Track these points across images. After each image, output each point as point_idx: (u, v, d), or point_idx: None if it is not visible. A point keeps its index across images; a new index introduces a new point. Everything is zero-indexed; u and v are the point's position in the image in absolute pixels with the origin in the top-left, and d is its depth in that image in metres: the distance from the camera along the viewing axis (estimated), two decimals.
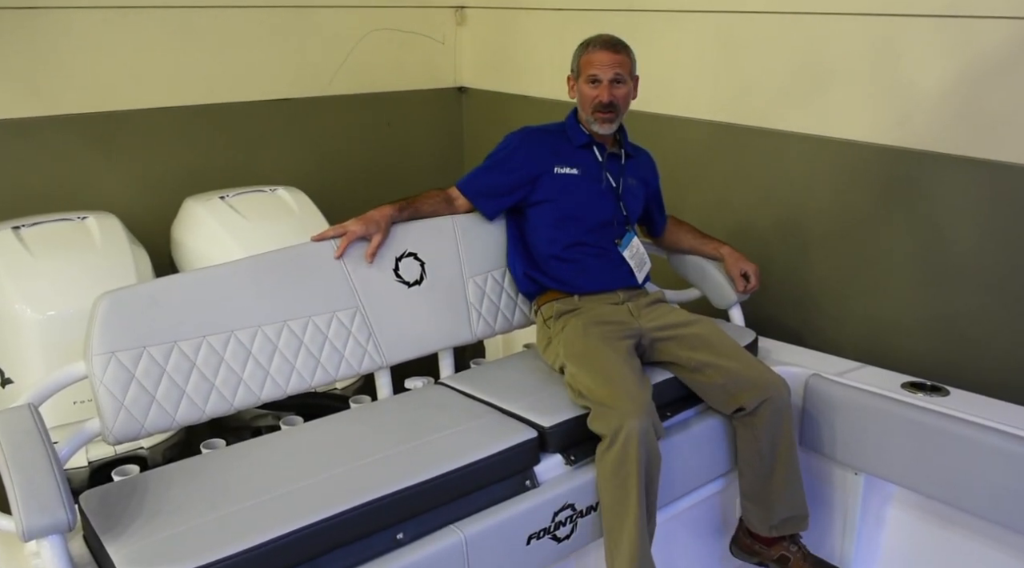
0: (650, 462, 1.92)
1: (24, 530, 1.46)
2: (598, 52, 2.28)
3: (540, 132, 2.41)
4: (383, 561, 1.67)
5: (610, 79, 2.27)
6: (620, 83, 2.28)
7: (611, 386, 1.97)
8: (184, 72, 3.06)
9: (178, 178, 3.02)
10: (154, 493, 1.71)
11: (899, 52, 2.41)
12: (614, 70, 2.27)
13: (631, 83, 2.32)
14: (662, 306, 2.35)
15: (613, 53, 2.27)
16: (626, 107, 2.34)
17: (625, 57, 2.30)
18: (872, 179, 2.54)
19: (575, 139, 2.36)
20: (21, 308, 2.23)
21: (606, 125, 2.31)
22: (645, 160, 2.51)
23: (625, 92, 2.31)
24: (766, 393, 2.10)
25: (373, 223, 2.18)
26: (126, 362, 1.82)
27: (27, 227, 2.44)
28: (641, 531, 1.90)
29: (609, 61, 2.27)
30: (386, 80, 3.55)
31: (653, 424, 1.93)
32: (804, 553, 2.20)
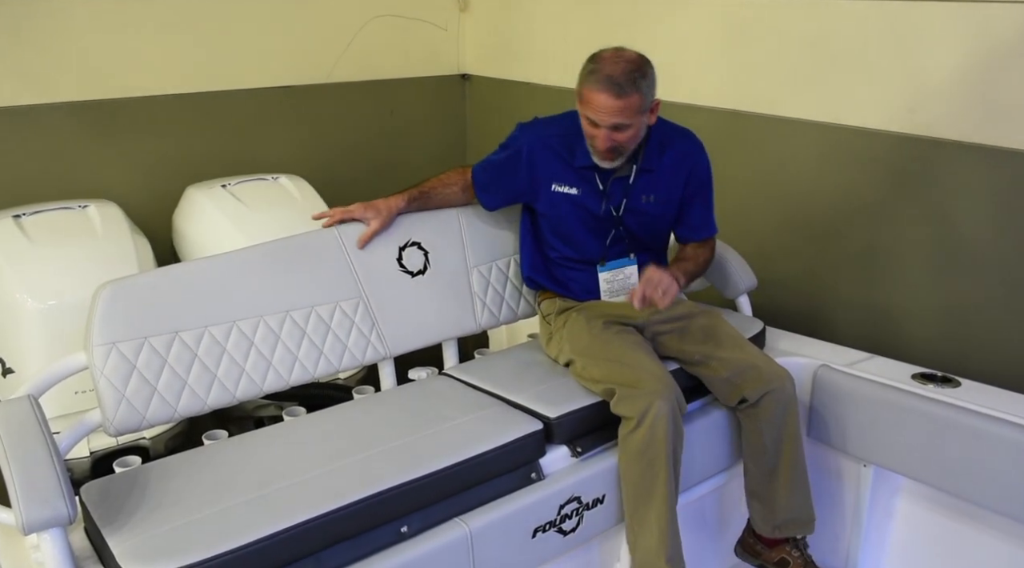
0: (677, 441, 1.91)
1: (24, 523, 1.45)
2: (598, 93, 1.96)
3: (548, 137, 2.18)
4: (387, 554, 1.66)
5: (609, 126, 1.99)
6: (624, 128, 2.00)
7: (631, 369, 1.96)
8: (186, 59, 3.04)
9: (180, 166, 3.01)
10: (156, 485, 1.70)
11: (910, 38, 2.38)
12: (613, 118, 1.97)
13: (641, 120, 2.03)
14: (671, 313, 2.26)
15: (614, 98, 1.94)
16: (635, 142, 2.07)
17: (633, 97, 1.95)
18: (882, 167, 2.51)
19: (579, 158, 2.14)
20: (22, 297, 2.23)
21: (607, 162, 2.08)
22: (673, 162, 2.18)
23: (631, 135, 2.03)
24: (769, 385, 2.07)
25: (374, 209, 2.14)
26: (127, 353, 1.80)
27: (28, 215, 2.44)
28: (671, 510, 1.90)
29: (609, 107, 1.95)
30: (389, 67, 3.52)
31: (679, 401, 1.92)
32: (805, 560, 2.16)
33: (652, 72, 2.02)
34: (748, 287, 2.53)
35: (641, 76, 1.97)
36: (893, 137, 2.46)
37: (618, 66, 1.95)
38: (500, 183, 2.25)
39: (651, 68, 2.02)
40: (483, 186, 2.26)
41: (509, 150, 2.23)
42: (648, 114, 2.04)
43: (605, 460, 1.97)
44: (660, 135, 2.16)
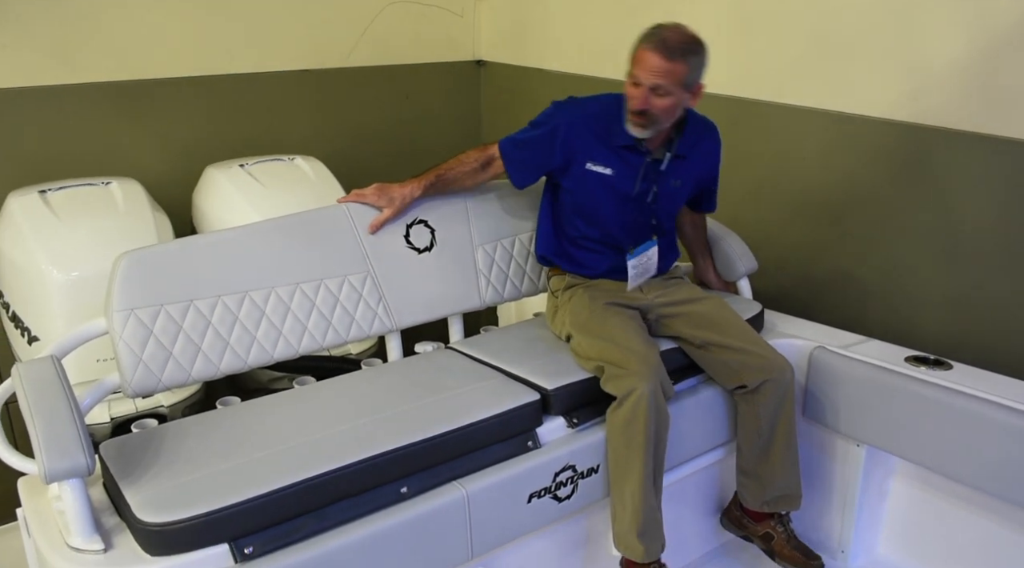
0: (659, 422, 1.97)
1: (45, 473, 1.54)
2: (648, 52, 2.01)
3: (587, 116, 2.21)
4: (388, 513, 1.74)
5: (650, 86, 2.02)
6: (664, 94, 2.03)
7: (620, 349, 2.02)
8: (207, 42, 3.11)
9: (199, 146, 3.07)
10: (171, 444, 1.79)
11: (915, 26, 2.40)
12: (657, 78, 2.00)
13: (682, 94, 2.06)
14: (674, 282, 2.36)
15: (664, 59, 1.99)
16: (670, 117, 2.10)
17: (680, 65, 2.00)
18: (886, 155, 2.54)
19: (617, 137, 2.17)
20: (47, 268, 2.29)
21: (638, 129, 2.11)
22: (702, 154, 2.29)
23: (668, 104, 2.05)
24: (769, 374, 2.12)
25: (387, 197, 2.19)
26: (145, 319, 1.89)
27: (53, 191, 2.51)
28: (646, 490, 1.96)
29: (655, 67, 2.00)
30: (405, 52, 3.57)
31: (662, 384, 1.98)
32: (788, 535, 2.23)
33: (705, 54, 2.07)
34: (748, 270, 2.57)
35: (693, 52, 2.04)
36: (896, 125, 2.49)
37: (675, 34, 2.03)
38: (535, 160, 2.26)
39: (705, 51, 2.07)
40: (516, 163, 2.26)
41: (544, 127, 2.24)
42: (690, 93, 2.08)
43: (600, 432, 2.03)
44: (695, 124, 2.24)
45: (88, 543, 1.58)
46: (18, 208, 2.42)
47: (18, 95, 2.80)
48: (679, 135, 2.20)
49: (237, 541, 1.59)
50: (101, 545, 1.58)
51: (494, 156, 2.27)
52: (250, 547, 1.59)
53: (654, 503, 1.99)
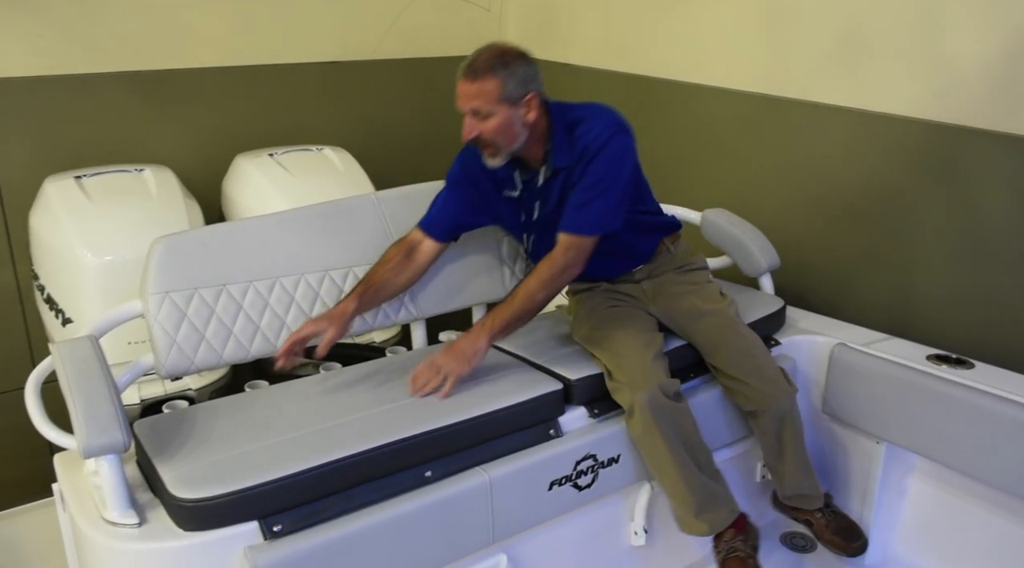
0: (672, 421, 1.99)
1: (84, 448, 1.59)
2: (459, 81, 1.94)
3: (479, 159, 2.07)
4: (412, 496, 1.77)
5: (470, 112, 1.94)
6: (485, 116, 1.93)
7: (619, 360, 2.04)
8: (237, 34, 3.16)
9: (230, 135, 3.12)
10: (202, 424, 1.83)
11: (940, 24, 2.40)
12: (470, 102, 1.92)
13: (508, 109, 1.92)
14: (684, 287, 2.25)
15: (470, 81, 1.91)
16: (509, 138, 1.96)
17: (488, 81, 1.90)
18: (909, 154, 2.54)
19: (502, 169, 2.07)
20: (82, 252, 2.34)
21: (489, 159, 2.00)
22: (581, 152, 2.01)
23: (496, 125, 1.93)
24: (761, 406, 2.13)
25: (327, 319, 2.00)
26: (179, 302, 1.94)
27: (88, 177, 2.57)
28: (688, 477, 1.99)
29: (464, 92, 1.93)
30: (431, 46, 3.60)
31: (661, 387, 1.97)
32: (828, 520, 2.24)
33: (524, 65, 1.94)
34: (771, 266, 2.58)
35: (502, 64, 1.91)
36: (920, 124, 2.49)
37: (483, 54, 1.94)
38: (453, 209, 2.18)
39: (522, 62, 1.94)
40: (438, 220, 2.17)
41: (449, 183, 2.20)
42: (518, 108, 1.94)
43: (621, 422, 2.06)
44: (563, 132, 2.02)
45: (124, 517, 1.63)
46: (54, 193, 2.47)
47: (54, 83, 2.86)
48: (552, 148, 2.03)
49: (266, 519, 1.63)
50: (136, 519, 1.63)
51: (415, 239, 2.17)
52: (279, 525, 1.64)
53: (702, 481, 2.01)
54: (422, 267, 2.18)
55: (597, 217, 2.00)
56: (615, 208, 2.02)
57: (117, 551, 1.62)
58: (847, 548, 2.23)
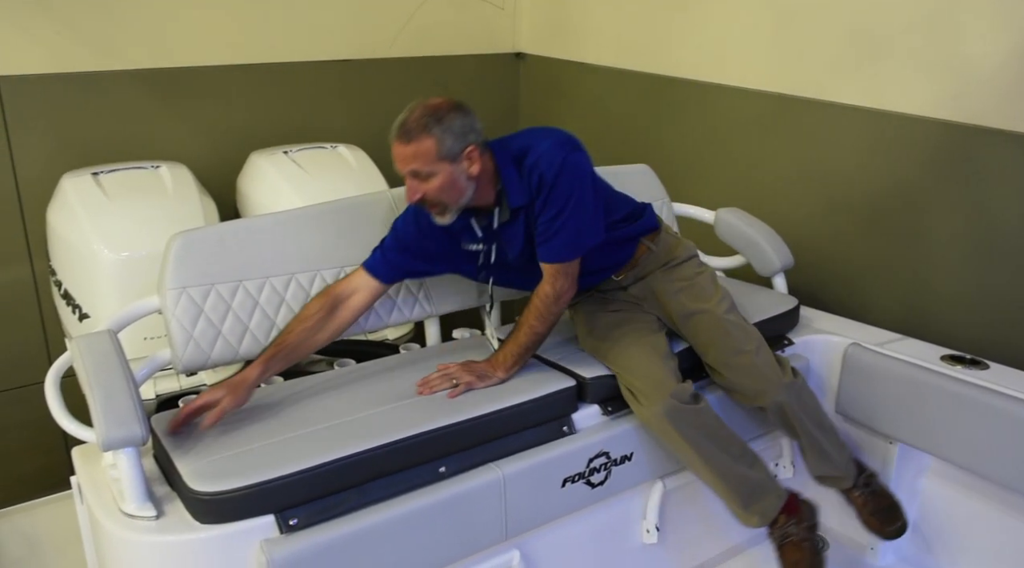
0: (697, 424, 1.99)
1: (103, 441, 1.60)
2: (394, 145, 1.87)
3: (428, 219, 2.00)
4: (426, 491, 1.79)
5: (409, 174, 1.87)
6: (426, 176, 1.85)
7: (629, 374, 2.04)
8: (252, 32, 3.17)
9: (244, 133, 3.14)
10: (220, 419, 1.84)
11: (956, 23, 2.40)
12: (408, 165, 1.85)
13: (449, 166, 1.85)
14: (672, 285, 2.19)
15: (404, 144, 1.84)
16: (455, 194, 1.89)
17: (424, 141, 1.83)
18: (924, 153, 2.54)
19: (456, 222, 1.99)
20: (98, 248, 2.36)
21: (439, 218, 1.93)
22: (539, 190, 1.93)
23: (439, 184, 1.85)
24: (757, 401, 2.12)
25: (226, 387, 1.84)
26: (196, 297, 1.95)
27: (105, 173, 2.58)
28: (724, 473, 2.00)
29: (401, 155, 1.86)
30: (445, 44, 3.61)
31: (677, 396, 1.97)
32: (866, 499, 2.21)
33: (458, 118, 1.86)
34: (785, 265, 2.59)
35: (435, 121, 1.83)
36: (936, 124, 2.48)
37: (412, 113, 1.86)
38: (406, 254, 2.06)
39: (457, 114, 1.87)
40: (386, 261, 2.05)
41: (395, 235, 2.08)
42: (459, 163, 1.87)
43: (634, 420, 2.07)
44: (514, 164, 1.95)
45: (141, 509, 1.64)
46: (72, 189, 2.49)
47: (71, 81, 2.88)
48: (507, 190, 1.95)
49: (283, 512, 1.65)
50: (154, 512, 1.64)
51: (344, 293, 2.01)
52: (295, 519, 1.65)
53: (741, 473, 2.01)
54: (351, 318, 2.02)
55: (573, 240, 1.96)
56: (591, 224, 1.98)
57: (135, 543, 1.63)
58: (882, 530, 2.20)
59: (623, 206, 2.19)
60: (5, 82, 2.77)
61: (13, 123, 2.82)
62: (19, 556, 2.39)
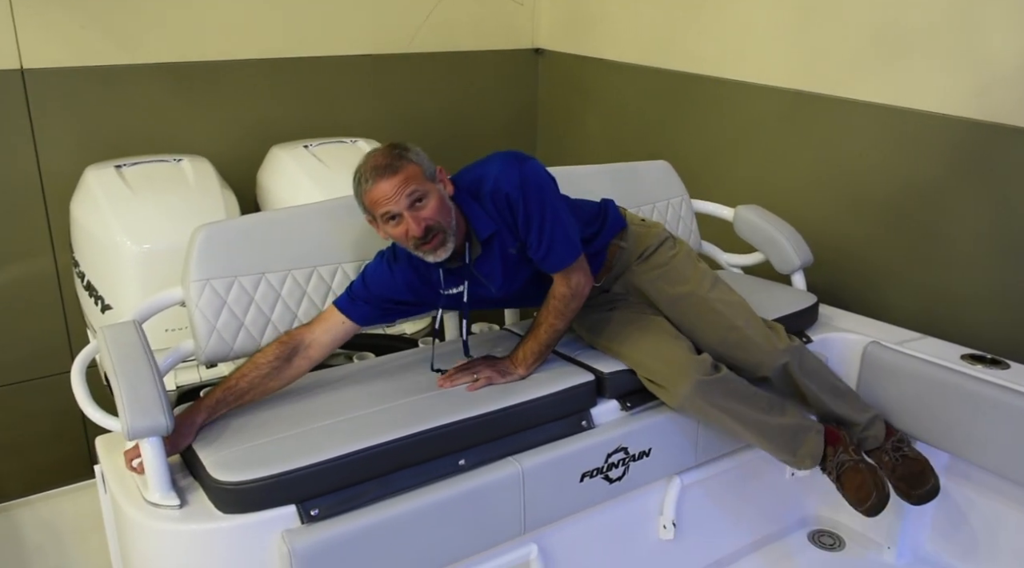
0: (726, 391, 2.01)
1: (128, 430, 1.62)
2: (377, 185, 1.82)
3: (401, 271, 2.00)
4: (446, 484, 1.79)
5: (408, 206, 1.82)
6: (424, 199, 1.83)
7: (647, 367, 2.05)
8: (274, 27, 3.19)
9: (265, 127, 3.16)
10: (240, 410, 1.86)
11: (979, 20, 2.38)
12: (404, 192, 1.81)
13: (435, 187, 1.85)
14: (651, 274, 2.18)
15: (392, 176, 1.81)
16: (448, 215, 1.87)
17: (408, 167, 1.83)
18: (946, 151, 2.52)
19: (430, 272, 2.00)
20: (121, 240, 2.38)
21: (440, 251, 1.88)
22: (498, 212, 1.93)
23: (436, 204, 1.84)
24: (759, 371, 2.11)
25: None
26: (219, 289, 1.97)
27: (128, 166, 2.61)
28: (762, 430, 2.03)
29: (394, 188, 1.81)
30: (465, 40, 3.62)
31: (699, 370, 1.99)
32: (896, 463, 2.16)
33: (410, 147, 1.89)
34: (804, 263, 2.58)
35: (405, 149, 1.87)
36: (958, 121, 2.47)
37: (378, 156, 1.87)
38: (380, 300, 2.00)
39: (407, 144, 1.90)
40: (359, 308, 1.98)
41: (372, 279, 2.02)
42: (439, 183, 1.89)
43: (653, 416, 2.07)
44: (472, 196, 1.94)
45: (165, 498, 1.66)
46: (95, 182, 2.52)
47: (95, 74, 2.91)
48: (469, 225, 1.94)
49: (304, 503, 1.66)
50: (177, 501, 1.66)
51: (304, 340, 1.92)
52: (316, 509, 1.66)
53: (779, 424, 2.04)
54: (307, 366, 1.94)
55: (566, 241, 1.96)
56: (570, 220, 1.99)
57: (158, 531, 1.65)
58: (909, 494, 2.15)
59: (586, 214, 2.15)
60: (30, 75, 2.80)
61: (38, 116, 2.85)
62: (41, 544, 2.42)
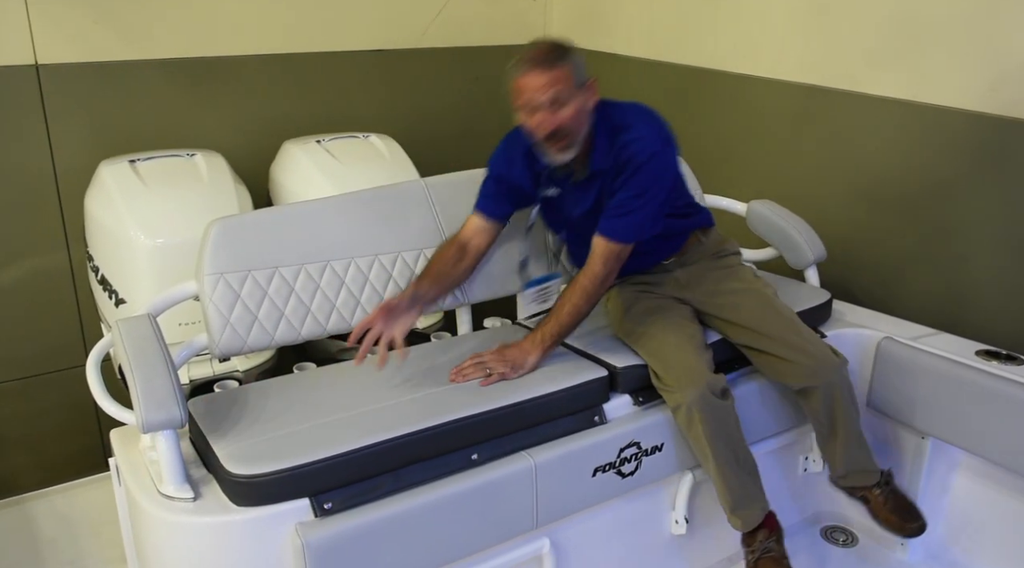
0: (718, 418, 1.99)
1: (143, 423, 1.63)
2: (527, 75, 1.91)
3: (519, 154, 2.12)
4: (458, 478, 1.80)
5: (547, 104, 1.91)
6: (563, 104, 1.91)
7: (663, 360, 2.04)
8: (286, 22, 3.20)
9: (278, 122, 3.17)
10: (254, 403, 1.87)
11: (994, 14, 2.36)
12: (548, 92, 1.89)
13: (580, 95, 1.94)
14: (718, 272, 2.24)
15: (544, 71, 1.89)
16: (581, 125, 1.96)
17: (561, 70, 1.90)
18: (960, 146, 2.50)
19: (539, 164, 2.10)
20: (135, 234, 2.39)
21: (560, 154, 1.97)
22: (620, 158, 2.00)
23: (572, 112, 1.92)
24: (811, 379, 2.09)
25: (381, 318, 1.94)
26: (233, 283, 1.98)
27: (142, 161, 2.62)
28: (726, 473, 2.01)
29: (539, 83, 1.89)
30: (477, 35, 3.61)
31: (710, 385, 1.97)
32: (887, 497, 2.18)
33: (576, 52, 1.97)
34: (817, 258, 2.56)
35: (566, 51, 1.94)
36: (973, 116, 2.45)
37: (537, 47, 1.94)
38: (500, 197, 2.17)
39: (575, 50, 1.97)
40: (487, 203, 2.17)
41: (490, 176, 2.19)
42: (584, 92, 1.96)
43: (665, 411, 2.06)
44: (609, 131, 2.01)
45: (179, 491, 1.67)
46: (109, 176, 2.53)
47: (109, 70, 2.92)
48: (592, 149, 2.02)
49: (318, 496, 1.67)
50: (191, 494, 1.67)
51: (471, 226, 2.16)
52: (329, 503, 1.67)
53: (741, 479, 2.03)
54: (475, 258, 2.18)
55: (638, 226, 2.02)
56: (654, 217, 2.05)
57: (172, 524, 1.66)
58: (903, 528, 2.17)
59: (686, 196, 2.25)
60: (44, 71, 2.82)
61: (52, 111, 2.87)
62: (55, 536, 2.44)
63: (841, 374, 2.12)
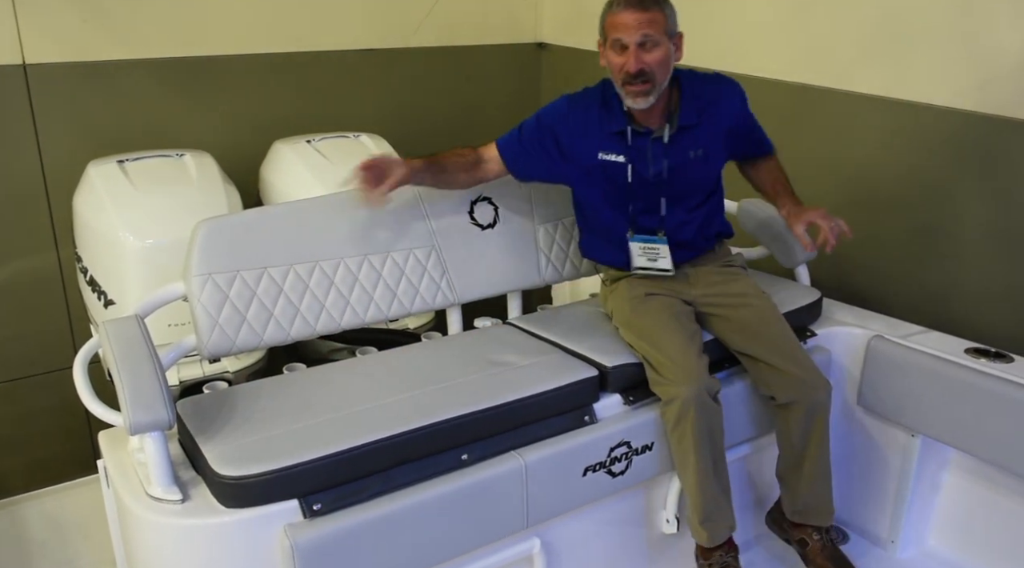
0: (707, 420, 1.99)
1: (130, 425, 1.63)
2: (622, 12, 1.98)
3: (582, 110, 2.18)
4: (448, 478, 1.80)
5: (638, 42, 1.98)
6: (652, 46, 1.99)
7: (659, 354, 2.03)
8: (275, 21, 3.19)
9: (268, 122, 3.15)
10: (243, 404, 1.87)
11: (983, 12, 2.37)
12: (641, 31, 1.97)
13: (669, 43, 2.03)
14: (728, 273, 2.28)
15: (640, 11, 1.97)
16: (665, 73, 2.04)
17: (657, 13, 1.99)
18: (949, 145, 2.51)
19: (615, 123, 2.13)
20: (124, 235, 2.37)
21: (640, 98, 2.03)
22: (718, 113, 2.17)
23: (660, 56, 2.00)
24: (798, 395, 2.09)
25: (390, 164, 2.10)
26: (221, 284, 1.97)
27: (130, 161, 2.60)
28: (704, 481, 2.00)
29: (635, 21, 1.97)
30: (467, 34, 3.61)
31: (707, 387, 1.98)
32: (824, 544, 2.15)
33: (672, 4, 2.08)
34: (807, 257, 2.57)
35: None
36: (961, 114, 2.46)
37: None
38: (533, 152, 2.21)
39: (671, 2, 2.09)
40: (514, 153, 2.22)
41: (544, 122, 2.22)
42: (674, 43, 2.06)
43: (655, 410, 2.06)
44: (692, 88, 2.16)
45: (167, 493, 1.66)
46: (98, 177, 2.51)
47: (97, 69, 2.91)
48: (679, 106, 2.13)
49: (307, 497, 1.66)
50: (179, 495, 1.66)
51: (488, 156, 2.22)
52: (318, 504, 1.67)
53: (715, 490, 2.02)
54: (482, 177, 2.23)
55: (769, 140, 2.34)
56: None
57: (161, 526, 1.65)
58: None
59: None
60: (32, 71, 2.80)
61: (40, 111, 2.85)
62: (45, 539, 2.43)
63: (828, 395, 2.11)
